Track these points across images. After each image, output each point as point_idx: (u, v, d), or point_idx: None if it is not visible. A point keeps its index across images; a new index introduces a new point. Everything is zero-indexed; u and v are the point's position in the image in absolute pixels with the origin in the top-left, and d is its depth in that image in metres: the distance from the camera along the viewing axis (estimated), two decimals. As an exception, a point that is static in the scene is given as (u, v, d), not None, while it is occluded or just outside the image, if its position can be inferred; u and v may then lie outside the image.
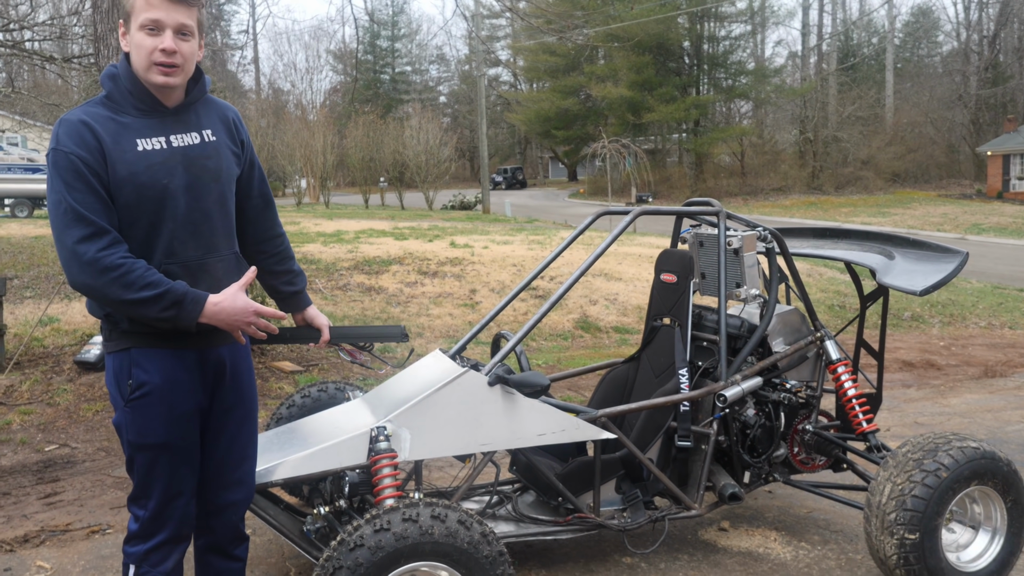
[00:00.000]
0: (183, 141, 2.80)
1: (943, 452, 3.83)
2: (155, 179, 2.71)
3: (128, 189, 2.68)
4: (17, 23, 14.60)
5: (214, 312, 2.70)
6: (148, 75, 2.71)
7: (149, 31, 2.68)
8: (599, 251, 4.06)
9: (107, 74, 2.79)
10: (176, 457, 2.87)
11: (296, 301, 3.36)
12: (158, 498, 2.87)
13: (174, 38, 2.70)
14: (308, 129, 43.05)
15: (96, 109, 2.74)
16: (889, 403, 7.72)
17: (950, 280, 4.45)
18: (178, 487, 2.90)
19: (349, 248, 14.95)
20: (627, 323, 10.88)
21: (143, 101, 2.76)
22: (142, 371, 2.77)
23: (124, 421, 2.82)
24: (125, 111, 2.75)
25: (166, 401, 2.80)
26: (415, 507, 3.01)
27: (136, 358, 2.78)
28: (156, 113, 2.78)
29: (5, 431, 6.49)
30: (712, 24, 49.35)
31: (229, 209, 2.96)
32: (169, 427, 2.82)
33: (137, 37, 2.69)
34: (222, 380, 2.97)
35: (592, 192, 50.52)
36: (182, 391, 2.84)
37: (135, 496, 2.91)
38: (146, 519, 2.88)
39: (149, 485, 2.86)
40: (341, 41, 70.67)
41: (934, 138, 50.39)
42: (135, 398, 2.78)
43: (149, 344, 2.77)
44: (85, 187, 2.62)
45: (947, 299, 13.16)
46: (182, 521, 2.94)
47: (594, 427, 3.85)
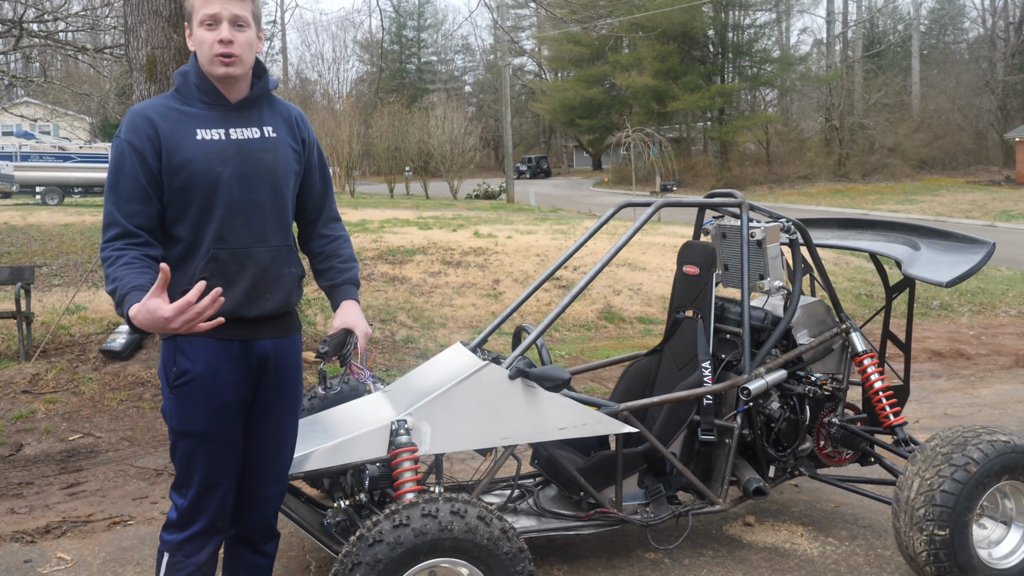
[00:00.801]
0: (242, 135, 2.93)
1: (972, 446, 3.76)
2: (210, 167, 2.84)
3: (183, 175, 2.82)
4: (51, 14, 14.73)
5: (136, 321, 2.61)
6: (211, 68, 2.86)
7: (208, 26, 2.83)
8: (620, 244, 4.01)
9: (179, 72, 2.97)
10: (216, 447, 2.91)
11: (333, 294, 3.35)
12: (197, 487, 2.92)
13: (230, 29, 2.83)
14: (334, 119, 43.18)
15: (163, 101, 2.93)
16: (918, 394, 7.62)
17: (976, 271, 4.37)
18: (217, 478, 2.94)
19: (373, 238, 14.95)
20: (651, 313, 10.82)
21: (208, 95, 2.91)
22: (186, 359, 2.85)
23: (168, 408, 2.91)
24: (191, 103, 2.91)
25: (208, 390, 2.86)
26: (434, 502, 2.99)
27: (181, 346, 2.86)
28: (219, 107, 2.92)
29: (30, 420, 6.54)
30: (737, 12, 48.98)
31: (284, 203, 3.03)
32: (210, 416, 2.88)
33: (199, 34, 2.85)
34: (265, 373, 3.00)
35: (616, 181, 50.34)
36: (225, 381, 2.89)
37: (177, 484, 2.97)
38: (184, 508, 2.93)
39: (189, 473, 2.92)
40: (368, 31, 70.78)
41: (961, 125, 49.76)
42: (178, 385, 2.86)
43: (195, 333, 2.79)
44: (130, 174, 2.81)
45: (976, 287, 12.99)
46: (218, 513, 2.96)
47: (616, 421, 3.81)
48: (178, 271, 2.83)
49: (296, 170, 3.08)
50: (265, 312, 2.96)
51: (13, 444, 6.16)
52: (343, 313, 3.28)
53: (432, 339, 9.24)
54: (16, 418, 6.56)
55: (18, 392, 7.03)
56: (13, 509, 5.06)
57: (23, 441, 6.23)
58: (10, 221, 17.46)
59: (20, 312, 7.96)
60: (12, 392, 7.03)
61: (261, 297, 2.93)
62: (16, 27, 12.72)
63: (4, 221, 17.53)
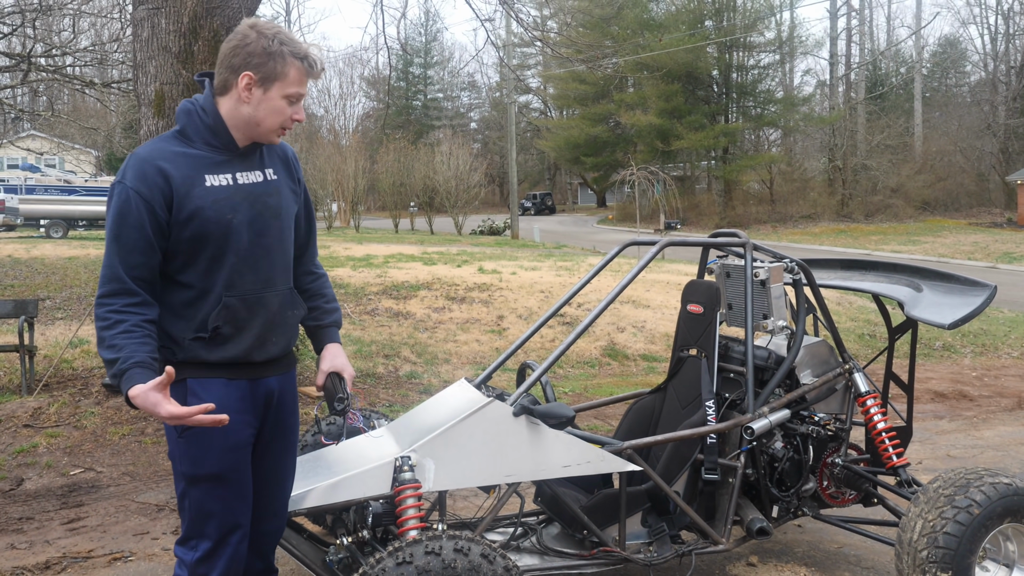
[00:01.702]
0: (247, 179, 2.91)
1: (975, 488, 3.76)
2: (220, 214, 2.81)
3: (195, 223, 2.78)
4: (59, 48, 14.88)
5: (133, 398, 2.64)
6: (270, 135, 2.92)
7: (290, 101, 2.88)
8: (625, 281, 4.04)
9: (183, 109, 2.91)
10: (231, 490, 2.87)
11: (318, 336, 3.35)
12: (212, 536, 2.86)
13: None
14: (340, 154, 43.49)
15: (167, 145, 2.85)
16: (921, 435, 7.60)
17: (979, 313, 4.39)
18: (232, 522, 2.89)
19: (378, 273, 15.01)
20: (655, 351, 10.82)
21: (218, 139, 2.88)
22: (197, 400, 2.78)
23: (177, 452, 2.85)
24: (195, 145, 2.86)
25: (220, 430, 2.80)
26: (438, 540, 2.98)
27: (193, 388, 2.82)
28: (226, 151, 2.90)
29: (31, 454, 6.52)
30: (741, 53, 49.35)
31: (288, 245, 3.05)
32: (223, 457, 2.84)
33: (279, 104, 2.86)
34: (269, 409, 3.01)
35: (621, 218, 50.51)
36: (237, 421, 2.85)
37: (186, 537, 2.89)
38: (196, 559, 2.86)
39: (202, 522, 2.86)
40: (375, 68, 71.33)
41: (963, 167, 49.97)
42: (190, 428, 2.79)
43: (204, 374, 2.84)
44: (135, 225, 2.73)
45: (979, 329, 12.99)
46: (233, 559, 2.91)
47: (619, 459, 3.81)
48: (185, 318, 2.84)
49: (295, 211, 3.11)
50: (272, 356, 2.98)
51: (14, 478, 6.14)
52: (331, 357, 3.30)
53: (436, 374, 9.24)
54: (17, 452, 6.54)
55: (20, 426, 7.02)
56: (13, 544, 5.04)
57: (24, 475, 6.21)
58: (14, 254, 17.54)
59: (23, 345, 7.95)
60: (14, 426, 7.01)
61: (269, 342, 2.94)
62: (24, 61, 12.85)
63: (8, 254, 17.61)
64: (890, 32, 63.22)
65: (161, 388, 2.59)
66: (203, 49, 6.87)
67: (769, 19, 48.86)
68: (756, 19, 47.69)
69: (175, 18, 6.83)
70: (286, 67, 2.83)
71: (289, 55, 2.83)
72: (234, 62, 2.83)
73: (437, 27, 77.07)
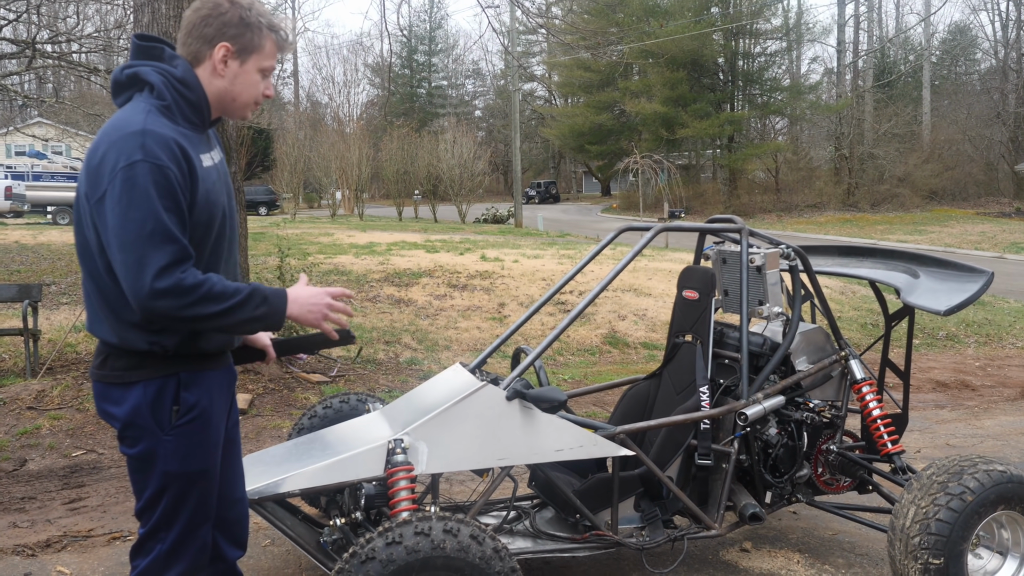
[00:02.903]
0: (215, 159, 2.77)
1: (968, 475, 3.76)
2: (218, 198, 2.67)
3: (202, 206, 2.59)
4: (65, 35, 14.87)
5: (294, 298, 2.67)
6: (243, 111, 2.79)
7: (264, 74, 2.76)
8: (619, 267, 4.04)
9: (163, 82, 2.63)
10: (210, 484, 2.76)
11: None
12: (180, 529, 2.72)
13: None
14: (344, 141, 43.45)
15: (165, 121, 2.58)
16: (921, 424, 7.61)
17: (975, 300, 4.39)
18: (205, 515, 2.78)
19: (380, 260, 15.03)
20: (655, 339, 10.83)
21: (198, 115, 2.69)
22: (191, 394, 2.65)
23: (162, 450, 2.63)
24: (179, 123, 2.63)
25: (211, 424, 2.71)
26: (427, 521, 3.00)
27: (185, 381, 2.65)
28: (201, 128, 2.73)
29: (35, 436, 6.57)
30: (747, 41, 49.17)
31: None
32: (210, 452, 2.73)
33: (255, 77, 2.74)
34: (232, 400, 2.96)
35: (625, 207, 50.43)
36: (220, 413, 2.78)
37: (153, 531, 2.72)
38: (163, 552, 2.72)
39: (175, 516, 2.71)
40: (379, 56, 71.23)
41: (972, 156, 49.70)
42: (183, 423, 2.63)
43: (197, 367, 2.69)
44: (176, 206, 2.49)
45: (983, 319, 12.98)
46: (200, 551, 2.80)
47: (612, 444, 3.82)
48: None
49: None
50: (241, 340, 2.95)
51: (17, 459, 6.19)
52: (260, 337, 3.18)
53: (436, 361, 9.27)
54: (21, 434, 6.59)
55: (24, 408, 7.06)
56: (15, 523, 5.09)
57: (27, 456, 6.26)
58: (21, 240, 17.64)
59: (27, 329, 8.01)
60: (18, 408, 7.06)
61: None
62: (29, 48, 12.86)
63: (15, 240, 17.71)
64: (899, 19, 63.09)
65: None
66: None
67: (776, 5, 48.69)
68: (763, 5, 47.49)
69: (175, 3, 6.85)
70: (263, 39, 2.71)
71: (266, 27, 2.71)
72: (207, 32, 2.65)
73: (441, 14, 77.00)
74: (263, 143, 43.76)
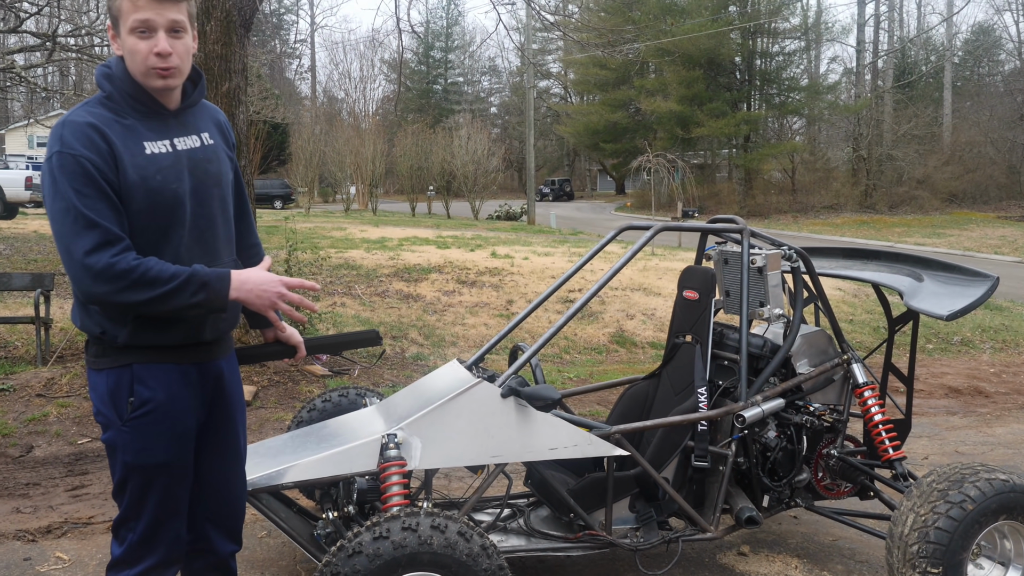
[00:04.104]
0: (186, 144, 2.69)
1: (969, 483, 3.70)
2: (166, 184, 2.59)
3: (139, 195, 2.54)
4: (86, 28, 14.96)
5: (241, 284, 2.59)
6: (147, 80, 2.59)
7: (140, 34, 2.54)
8: (616, 268, 3.99)
9: (102, 74, 2.64)
10: (174, 477, 2.72)
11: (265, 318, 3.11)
12: (148, 520, 2.70)
13: (167, 38, 2.57)
14: (359, 137, 43.49)
15: (99, 110, 2.59)
16: (931, 430, 7.54)
17: (979, 305, 4.34)
18: (173, 508, 2.75)
19: (391, 255, 15.05)
20: (663, 339, 10.74)
21: (143, 103, 2.63)
22: (144, 387, 2.62)
23: (120, 441, 2.64)
24: (126, 113, 2.61)
25: (168, 418, 2.66)
26: (415, 516, 2.99)
27: (139, 374, 2.63)
28: (158, 115, 2.66)
29: (42, 423, 6.64)
30: (765, 40, 48.88)
31: (230, 215, 2.88)
32: (170, 446, 2.68)
33: (129, 42, 2.56)
34: (220, 393, 2.86)
35: (639, 206, 50.28)
36: (185, 408, 2.71)
37: (123, 519, 2.73)
38: (134, 542, 2.71)
39: (141, 507, 2.69)
40: (395, 51, 71.26)
41: (994, 158, 49.22)
42: (136, 416, 2.62)
43: (151, 359, 2.64)
44: (96, 192, 2.47)
45: (1000, 324, 12.84)
46: (174, 543, 2.78)
47: (607, 443, 3.80)
48: None
49: (231, 178, 2.92)
50: (221, 332, 2.83)
51: (24, 446, 6.27)
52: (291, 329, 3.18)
53: (442, 357, 9.25)
54: (29, 420, 6.66)
55: (33, 395, 7.14)
56: (18, 508, 5.16)
57: (34, 443, 6.34)
58: (40, 230, 17.79)
59: (39, 318, 8.11)
60: (27, 395, 7.14)
61: (218, 318, 2.76)
62: (50, 40, 12.94)
63: (34, 230, 17.88)
64: (920, 19, 62.48)
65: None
66: (215, 29, 6.86)
67: (795, 4, 48.37)
68: (781, 4, 47.21)
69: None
70: (119, 2, 2.56)
71: None
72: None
73: (458, 11, 76.96)
74: (279, 137, 43.88)
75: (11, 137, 46.87)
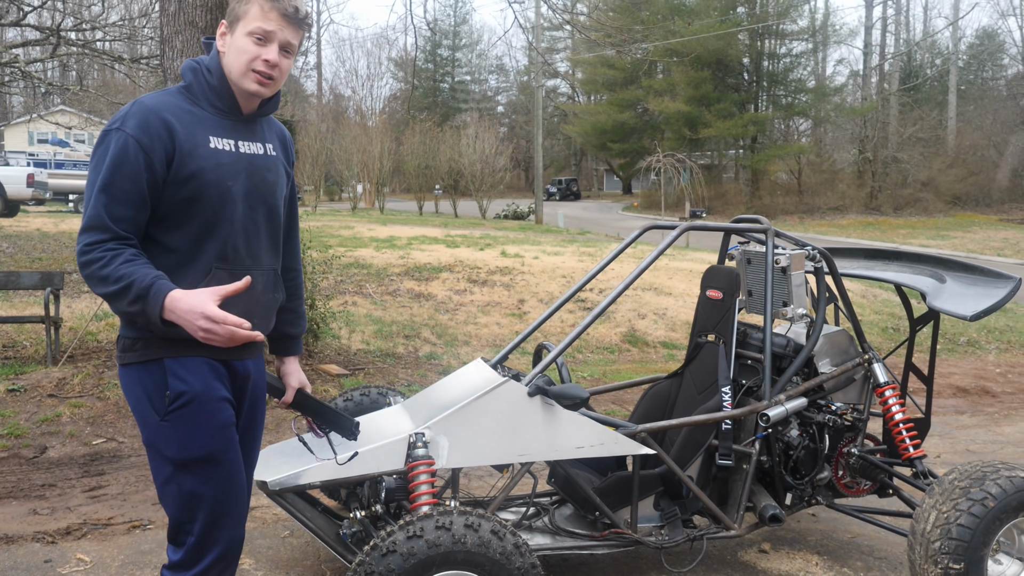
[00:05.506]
0: (249, 149, 2.76)
1: (991, 481, 3.74)
2: (221, 179, 2.64)
3: (194, 184, 2.60)
4: (89, 23, 14.95)
5: (172, 305, 2.45)
6: (242, 80, 2.69)
7: (257, 39, 2.67)
8: (643, 265, 4.03)
9: (188, 66, 2.75)
10: (223, 471, 2.67)
11: (286, 344, 3.14)
12: (203, 519, 2.65)
13: (279, 53, 2.70)
14: (366, 135, 43.49)
15: (173, 98, 2.69)
16: (941, 429, 7.56)
17: (1002, 306, 4.36)
18: (227, 505, 2.69)
19: (401, 254, 15.06)
20: (675, 338, 10.79)
21: (223, 101, 2.73)
22: (178, 380, 2.61)
23: (160, 438, 2.63)
24: (201, 106, 2.71)
25: (207, 409, 2.63)
26: (449, 515, 3.01)
27: (171, 367, 2.61)
28: (231, 116, 2.75)
29: (55, 423, 6.61)
30: (773, 41, 48.89)
31: (277, 226, 2.89)
32: (212, 436, 2.64)
33: (242, 42, 2.67)
34: (245, 394, 2.84)
35: (646, 206, 50.27)
36: (221, 399, 2.68)
37: (177, 525, 2.68)
38: (192, 544, 2.66)
39: (194, 507, 2.64)
40: (402, 49, 71.34)
41: (997, 161, 49.23)
42: (175, 409, 2.60)
43: (182, 353, 2.62)
44: (129, 176, 2.53)
45: (1005, 325, 12.85)
46: (231, 543, 2.72)
47: (633, 442, 3.82)
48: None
49: (286, 193, 2.94)
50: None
51: (38, 447, 6.23)
52: (296, 372, 3.14)
53: (455, 356, 9.27)
54: (42, 421, 6.63)
55: (44, 395, 7.11)
56: (35, 510, 5.11)
57: (47, 444, 6.30)
58: (43, 228, 17.80)
59: (49, 317, 8.04)
60: (39, 395, 7.11)
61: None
62: (54, 35, 12.93)
63: (37, 228, 17.87)
64: (926, 22, 62.53)
65: (213, 294, 2.46)
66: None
67: (803, 6, 48.34)
68: (789, 6, 47.17)
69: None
70: (248, 5, 2.66)
71: None
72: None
73: (466, 9, 76.94)
74: (285, 135, 43.77)
75: (12, 133, 46.73)
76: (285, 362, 3.14)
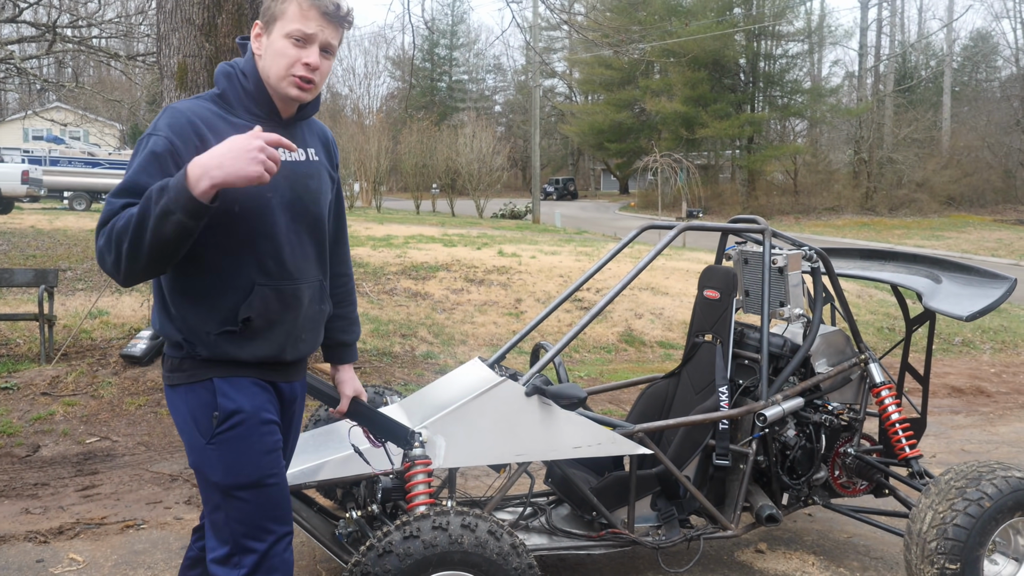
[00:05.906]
0: (290, 156, 2.59)
1: (987, 481, 3.75)
2: (259, 191, 2.47)
3: (228, 196, 2.38)
4: (85, 20, 14.91)
5: (205, 163, 2.23)
6: (281, 85, 2.54)
7: (296, 41, 2.51)
8: (641, 265, 4.03)
9: (222, 72, 2.61)
10: (273, 496, 2.57)
11: (340, 352, 3.07)
12: (259, 549, 2.55)
13: (320, 55, 2.55)
14: (363, 134, 43.44)
15: (207, 105, 2.54)
16: (936, 429, 7.57)
17: (998, 306, 4.36)
18: (279, 531, 2.59)
19: (398, 253, 15.04)
20: (672, 338, 10.80)
21: (260, 107, 2.58)
22: (228, 400, 2.51)
23: (207, 462, 2.52)
24: (237, 113, 2.56)
25: (256, 431, 2.53)
26: (445, 515, 2.99)
27: (220, 387, 2.52)
28: (270, 122, 2.57)
29: (48, 422, 6.59)
30: (769, 42, 48.98)
31: (323, 235, 2.75)
32: (261, 461, 2.54)
33: (280, 44, 2.51)
34: (290, 418, 2.80)
35: (643, 206, 50.32)
36: (270, 419, 2.59)
37: (227, 554, 2.56)
38: (253, 564, 2.55)
39: (245, 535, 2.53)
40: (400, 48, 71.31)
41: (991, 163, 49.41)
42: (223, 430, 2.50)
43: (232, 373, 2.54)
44: (157, 174, 2.34)
45: (999, 325, 12.88)
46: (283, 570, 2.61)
47: (631, 442, 3.81)
48: (208, 307, 2.51)
49: (331, 198, 2.81)
50: (302, 355, 2.71)
51: (30, 445, 6.21)
52: (351, 380, 3.11)
53: (452, 355, 9.26)
54: (35, 419, 6.61)
55: (38, 394, 7.09)
56: (28, 509, 5.09)
57: (40, 442, 6.27)
58: (37, 225, 17.75)
59: (43, 315, 8.01)
60: (32, 394, 7.08)
61: (300, 339, 2.66)
62: (49, 31, 12.89)
63: (31, 225, 17.82)
64: (921, 24, 62.72)
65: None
66: (227, 22, 6.85)
67: (798, 8, 48.44)
68: (785, 7, 47.27)
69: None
70: (285, 4, 2.50)
71: None
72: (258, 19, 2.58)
73: (464, 8, 76.93)
74: (282, 133, 43.74)
75: (7, 130, 46.62)
76: (339, 370, 3.08)
